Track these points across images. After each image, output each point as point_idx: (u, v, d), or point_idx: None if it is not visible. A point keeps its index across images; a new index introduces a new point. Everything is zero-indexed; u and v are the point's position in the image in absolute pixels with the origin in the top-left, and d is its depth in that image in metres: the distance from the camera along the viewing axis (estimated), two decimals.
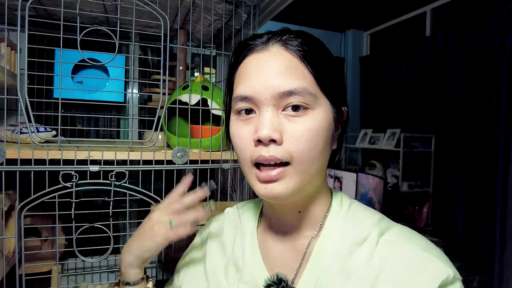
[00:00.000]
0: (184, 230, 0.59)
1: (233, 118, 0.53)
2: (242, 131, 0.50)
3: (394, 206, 2.97)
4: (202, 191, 0.62)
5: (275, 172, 0.47)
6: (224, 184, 1.05)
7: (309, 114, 0.47)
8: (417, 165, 3.17)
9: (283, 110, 0.48)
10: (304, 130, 0.47)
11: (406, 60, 3.42)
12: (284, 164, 0.47)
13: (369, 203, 2.85)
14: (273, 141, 0.46)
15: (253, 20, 1.17)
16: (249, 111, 0.50)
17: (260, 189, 0.49)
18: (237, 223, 0.64)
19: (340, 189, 3.06)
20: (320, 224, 0.54)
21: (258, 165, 0.48)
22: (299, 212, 0.54)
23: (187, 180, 0.63)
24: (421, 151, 3.10)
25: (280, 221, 0.57)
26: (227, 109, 0.57)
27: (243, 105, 0.50)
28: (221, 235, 0.65)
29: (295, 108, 0.47)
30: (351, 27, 4.04)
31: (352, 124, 4.19)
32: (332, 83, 0.51)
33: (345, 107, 0.55)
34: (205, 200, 0.67)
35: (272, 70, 0.47)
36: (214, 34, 1.36)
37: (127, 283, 0.61)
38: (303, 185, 0.49)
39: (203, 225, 0.71)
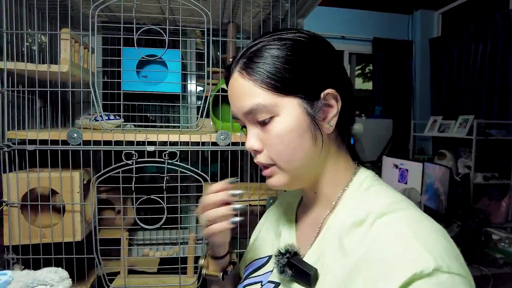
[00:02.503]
0: (219, 226, 0.61)
1: None
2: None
3: (463, 198, 2.74)
4: (226, 186, 0.62)
5: (267, 171, 0.57)
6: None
7: (275, 121, 0.53)
8: (494, 154, 2.87)
9: (258, 123, 0.55)
10: (274, 137, 0.53)
11: (483, 39, 3.08)
12: (272, 164, 0.56)
13: (435, 193, 2.68)
14: (256, 150, 0.56)
15: (291, 13, 1.20)
16: (244, 126, 0.59)
17: (266, 181, 0.59)
18: (289, 198, 0.75)
19: (406, 182, 2.91)
20: (335, 203, 0.59)
21: None
22: (315, 192, 0.61)
23: (226, 184, 0.62)
24: (499, 139, 2.80)
25: (307, 200, 0.65)
26: None
27: (239, 122, 0.60)
28: (278, 209, 0.75)
29: (261, 121, 0.54)
30: (420, 7, 3.76)
31: (422, 111, 3.93)
32: (296, 80, 0.52)
33: (327, 91, 0.54)
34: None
35: (233, 95, 0.56)
36: (259, 26, 1.43)
37: (215, 257, 0.71)
38: (294, 177, 0.57)
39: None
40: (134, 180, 1.01)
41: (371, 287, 0.43)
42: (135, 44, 1.01)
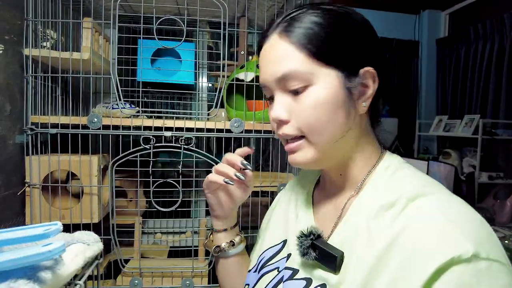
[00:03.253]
0: (215, 177, 0.66)
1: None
2: (270, 114, 0.58)
3: (468, 197, 2.76)
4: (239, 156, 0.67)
5: (293, 144, 0.54)
6: (277, 153, 1.16)
7: (309, 91, 0.51)
8: (499, 154, 2.88)
9: (290, 91, 0.53)
10: (307, 107, 0.51)
11: (491, 39, 3.10)
12: (301, 137, 0.54)
13: None
14: (282, 120, 0.54)
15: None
16: (271, 97, 0.57)
17: (288, 157, 0.57)
18: (304, 183, 0.72)
19: None
20: (360, 185, 0.57)
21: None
22: (340, 174, 0.59)
23: (245, 150, 0.69)
24: (505, 139, 2.81)
25: (329, 182, 0.63)
26: None
27: (265, 92, 0.58)
28: (290, 193, 0.73)
29: (294, 89, 0.52)
30: (427, 8, 3.78)
31: (427, 111, 3.94)
32: (337, 50, 0.51)
33: (366, 68, 0.53)
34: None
35: (270, 59, 0.54)
36: (272, 20, 1.46)
37: (218, 231, 0.73)
38: (321, 153, 0.54)
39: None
40: (151, 163, 1.05)
41: (406, 270, 0.42)
42: (155, 34, 1.05)
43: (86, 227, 1.12)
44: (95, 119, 1.06)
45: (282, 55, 0.52)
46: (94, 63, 1.14)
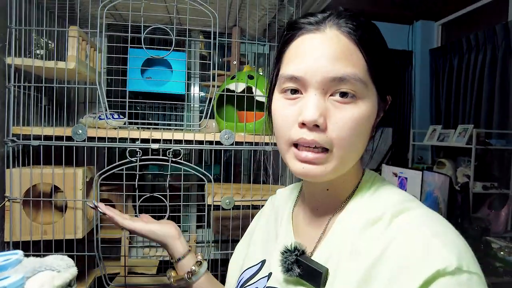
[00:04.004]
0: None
1: (277, 95, 0.53)
2: (286, 111, 0.50)
3: (463, 207, 2.74)
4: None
5: (315, 156, 0.48)
6: (270, 165, 1.13)
7: (357, 103, 0.47)
8: (494, 164, 2.87)
9: (330, 95, 0.47)
10: (349, 119, 0.47)
11: (483, 49, 3.12)
12: (323, 149, 0.48)
13: (434, 202, 2.68)
14: (316, 125, 0.46)
15: (296, 15, 1.23)
16: (295, 91, 0.49)
17: (297, 167, 0.50)
18: (281, 201, 0.70)
19: (405, 190, 2.92)
20: (345, 203, 0.55)
21: (296, 145, 0.49)
22: (327, 189, 0.56)
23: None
24: (499, 148, 2.80)
25: (312, 197, 0.60)
26: (272, 84, 0.58)
27: (290, 84, 0.49)
28: (270, 213, 0.71)
29: (343, 94, 0.47)
30: (420, 18, 3.81)
31: (421, 120, 3.95)
32: (383, 71, 0.50)
33: (389, 96, 0.54)
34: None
35: (326, 54, 0.47)
36: (264, 30, 1.45)
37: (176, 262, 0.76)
38: (340, 169, 0.50)
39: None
40: (137, 177, 1.01)
41: (395, 282, 0.42)
42: (142, 43, 1.02)
43: (70, 242, 1.07)
44: (80, 131, 1.02)
45: (346, 54, 0.47)
46: (80, 73, 1.11)
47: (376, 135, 0.57)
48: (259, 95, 1.11)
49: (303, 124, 0.47)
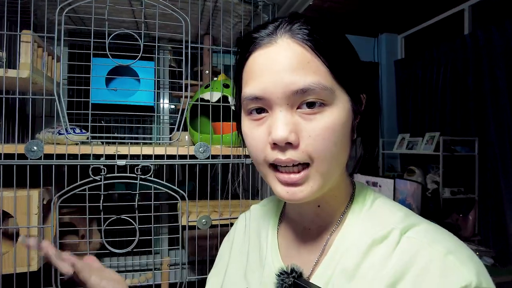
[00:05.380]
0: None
1: (244, 117, 0.50)
2: (255, 132, 0.47)
3: (435, 213, 2.81)
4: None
5: (298, 176, 0.44)
6: (247, 179, 1.06)
7: (326, 111, 0.44)
8: (460, 170, 2.98)
9: (297, 108, 0.44)
10: (322, 129, 0.43)
11: (444, 61, 3.27)
12: (304, 164, 0.44)
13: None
14: (289, 143, 0.43)
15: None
16: (261, 110, 0.46)
17: (282, 192, 0.46)
18: (260, 220, 0.63)
19: None
20: (340, 219, 0.52)
21: (275, 165, 0.46)
22: (318, 206, 0.52)
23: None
24: (464, 155, 2.91)
25: (300, 216, 0.55)
26: (238, 107, 0.54)
27: (253, 105, 0.46)
28: (246, 233, 0.64)
29: (310, 105, 0.44)
30: (384, 31, 3.95)
31: (389, 129, 4.05)
32: (348, 71, 0.47)
33: (363, 94, 0.51)
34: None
35: (282, 67, 0.43)
36: (238, 38, 1.40)
37: None
38: (326, 184, 0.47)
39: None
40: (102, 198, 0.90)
41: None
42: (107, 50, 0.93)
43: (22, 276, 0.93)
44: (35, 147, 0.90)
45: (303, 63, 0.43)
46: (36, 83, 1.00)
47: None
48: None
49: (274, 144, 0.44)
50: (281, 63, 0.44)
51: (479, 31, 2.85)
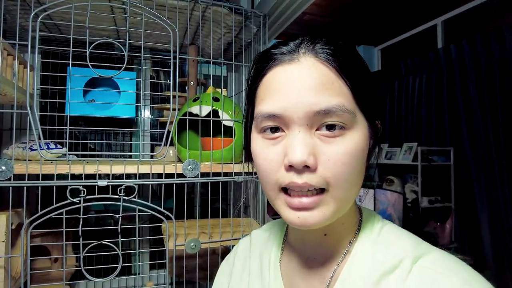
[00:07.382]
0: None
1: (256, 135, 0.47)
2: (269, 153, 0.44)
3: (415, 223, 2.85)
4: None
5: (310, 200, 0.42)
6: (237, 197, 1.01)
7: (347, 135, 0.42)
8: (436, 179, 3.05)
9: (316, 130, 0.42)
10: (341, 154, 0.41)
11: (419, 73, 3.37)
12: (319, 189, 0.42)
13: (388, 219, 2.75)
14: (306, 166, 0.41)
15: (263, 33, 1.15)
16: (275, 129, 0.44)
17: (292, 217, 0.43)
18: (262, 248, 0.59)
19: None
20: (347, 249, 0.49)
21: (285, 189, 0.43)
22: (325, 234, 0.49)
23: None
24: (440, 164, 2.99)
25: (305, 245, 0.52)
26: (248, 124, 0.51)
27: (269, 123, 0.44)
28: (247, 260, 0.60)
29: (331, 127, 0.42)
30: (361, 43, 4.04)
31: None
32: (369, 97, 0.45)
33: (378, 121, 0.49)
34: None
35: (305, 86, 0.41)
36: (224, 49, 1.35)
37: None
38: (340, 211, 0.44)
39: None
40: (81, 222, 0.82)
41: None
42: (88, 60, 0.85)
43: None
44: (3, 167, 0.81)
45: (328, 84, 0.42)
46: (6, 94, 0.90)
47: None
48: (227, 119, 0.99)
49: (290, 167, 0.41)
50: (305, 82, 0.42)
51: (452, 45, 2.96)
